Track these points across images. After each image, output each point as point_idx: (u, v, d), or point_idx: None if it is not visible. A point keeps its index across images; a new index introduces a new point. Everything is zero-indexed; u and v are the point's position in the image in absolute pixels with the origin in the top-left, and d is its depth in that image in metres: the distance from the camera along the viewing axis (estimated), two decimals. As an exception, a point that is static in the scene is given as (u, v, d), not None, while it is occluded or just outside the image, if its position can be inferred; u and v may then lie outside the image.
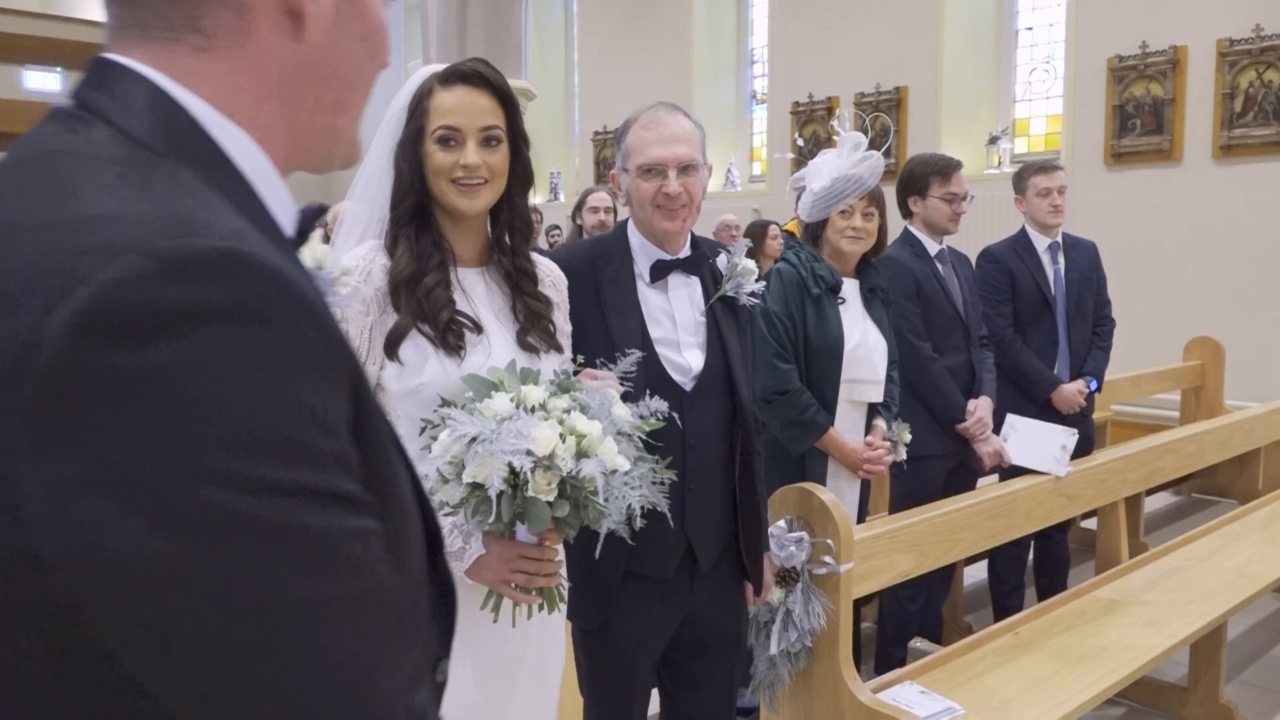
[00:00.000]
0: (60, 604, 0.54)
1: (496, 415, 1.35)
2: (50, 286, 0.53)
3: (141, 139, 0.63)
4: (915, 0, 8.13)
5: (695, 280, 1.98)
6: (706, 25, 10.47)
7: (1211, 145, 6.45)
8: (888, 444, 2.82)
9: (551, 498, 1.33)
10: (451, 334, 1.53)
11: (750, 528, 1.99)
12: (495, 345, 1.59)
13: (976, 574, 4.18)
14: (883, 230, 2.83)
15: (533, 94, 5.93)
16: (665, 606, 1.94)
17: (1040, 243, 3.72)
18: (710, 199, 10.27)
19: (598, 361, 1.68)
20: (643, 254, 1.96)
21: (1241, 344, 5.95)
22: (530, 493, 1.32)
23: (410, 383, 1.54)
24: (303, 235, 0.73)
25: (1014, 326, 3.70)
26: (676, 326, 1.94)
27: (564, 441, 1.33)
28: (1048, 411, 3.57)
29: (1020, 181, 3.76)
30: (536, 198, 12.76)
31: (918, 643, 3.40)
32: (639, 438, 1.45)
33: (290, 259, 0.66)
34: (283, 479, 0.55)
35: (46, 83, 10.37)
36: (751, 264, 2.01)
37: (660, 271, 1.94)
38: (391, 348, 1.54)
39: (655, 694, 2.14)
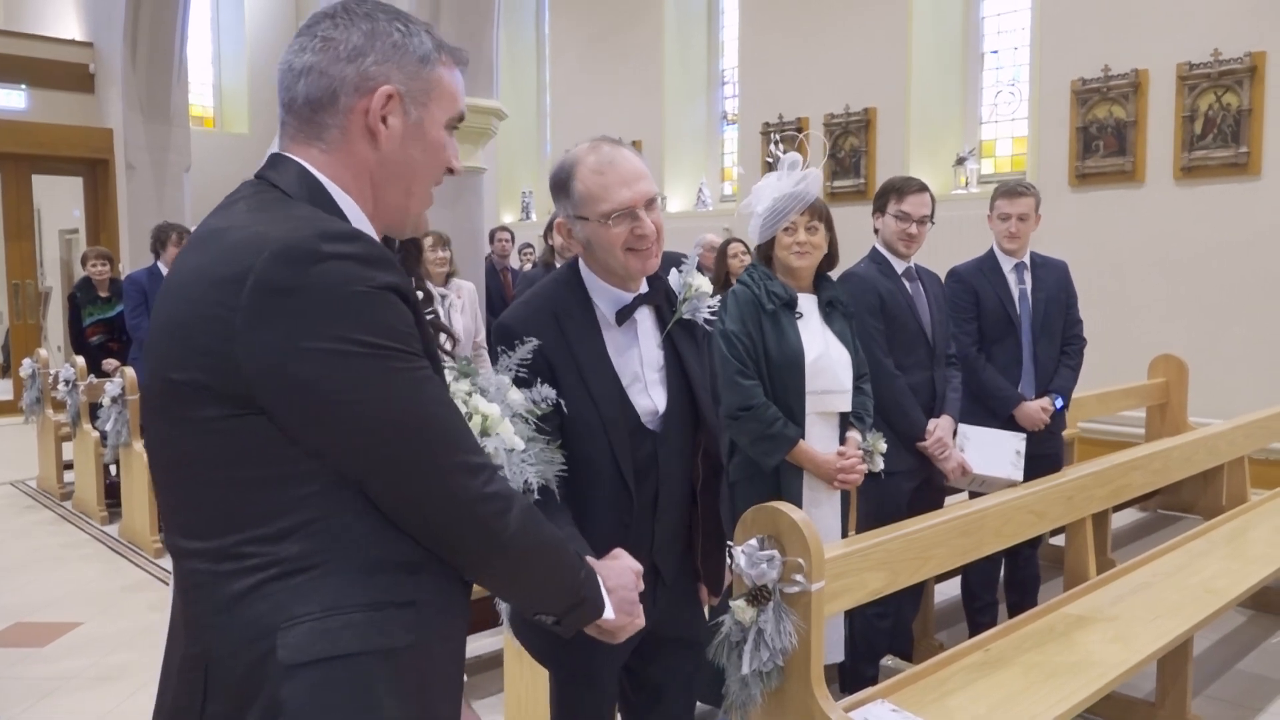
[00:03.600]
0: (254, 413, 1.07)
1: None
2: (259, 246, 1.06)
3: (289, 191, 1.19)
4: (884, 23, 8.24)
5: (651, 309, 1.95)
6: (678, 46, 10.55)
7: (1173, 167, 6.58)
8: (861, 453, 2.83)
9: None
10: None
11: (711, 549, 2.02)
12: None
13: (947, 591, 4.19)
14: (833, 244, 2.87)
15: (504, 114, 5.92)
16: None
17: (1006, 262, 3.74)
18: (682, 219, 10.32)
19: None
20: (603, 298, 1.90)
21: (1204, 361, 6.05)
22: None
23: None
24: None
25: (979, 344, 3.73)
26: (643, 365, 1.91)
27: (470, 422, 1.42)
28: (1011, 428, 3.59)
29: (991, 201, 3.79)
30: (508, 217, 12.74)
31: (889, 661, 3.41)
32: (532, 420, 1.57)
33: None
34: (381, 343, 1.08)
35: (10, 100, 10.16)
36: (705, 282, 1.99)
37: (625, 314, 1.90)
38: None
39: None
